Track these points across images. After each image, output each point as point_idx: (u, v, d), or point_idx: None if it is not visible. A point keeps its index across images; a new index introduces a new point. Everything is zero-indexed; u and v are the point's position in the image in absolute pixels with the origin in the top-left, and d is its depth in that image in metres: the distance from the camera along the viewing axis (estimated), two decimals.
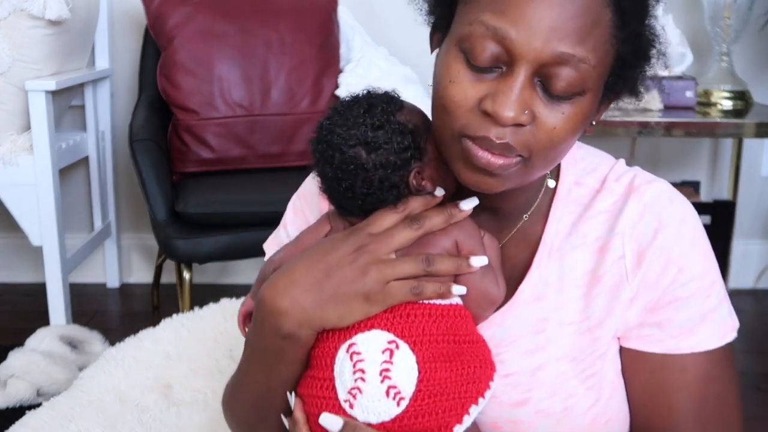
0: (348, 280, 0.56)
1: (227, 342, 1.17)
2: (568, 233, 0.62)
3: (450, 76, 0.54)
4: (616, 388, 0.62)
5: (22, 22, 1.60)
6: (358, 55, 1.84)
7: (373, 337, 0.56)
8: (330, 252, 0.57)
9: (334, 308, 0.56)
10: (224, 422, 1.00)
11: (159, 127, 1.79)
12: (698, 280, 0.60)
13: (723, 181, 2.10)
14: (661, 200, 0.61)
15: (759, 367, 1.67)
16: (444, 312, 0.57)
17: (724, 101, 1.82)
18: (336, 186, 0.58)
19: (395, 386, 0.55)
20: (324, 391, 0.57)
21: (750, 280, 2.13)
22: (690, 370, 0.60)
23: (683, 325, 0.60)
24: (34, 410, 1.06)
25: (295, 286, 0.57)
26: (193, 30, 1.77)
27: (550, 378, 0.60)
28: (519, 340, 0.61)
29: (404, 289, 0.56)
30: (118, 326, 1.85)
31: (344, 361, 0.56)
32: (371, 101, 0.58)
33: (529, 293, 0.62)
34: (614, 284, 0.60)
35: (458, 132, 0.54)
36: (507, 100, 0.52)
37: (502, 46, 0.52)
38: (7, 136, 1.65)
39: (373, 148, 0.56)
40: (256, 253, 1.73)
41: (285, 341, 0.58)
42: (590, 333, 0.61)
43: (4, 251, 2.14)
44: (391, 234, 0.57)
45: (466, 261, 0.58)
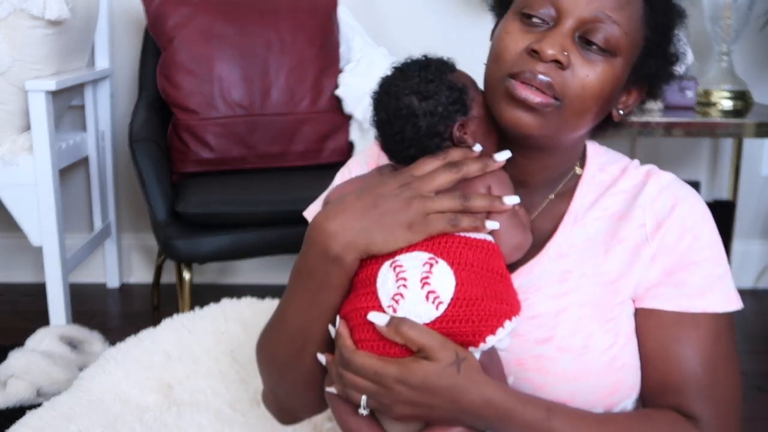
0: (393, 210, 0.62)
1: (228, 342, 1.17)
2: (590, 206, 0.70)
3: (505, 29, 0.65)
4: (629, 340, 0.67)
5: (22, 22, 1.60)
6: (358, 55, 1.84)
7: (414, 255, 0.62)
8: (378, 186, 0.64)
9: (380, 233, 0.62)
10: (225, 423, 1.00)
11: (159, 127, 1.79)
12: (709, 248, 0.68)
13: (723, 181, 2.11)
14: (675, 184, 0.70)
15: (759, 367, 1.67)
16: (479, 245, 0.63)
17: (724, 101, 1.82)
18: (389, 130, 0.66)
19: (434, 291, 0.60)
20: (367, 302, 0.62)
21: (750, 279, 2.13)
22: (702, 326, 0.66)
23: (696, 287, 0.67)
24: (34, 410, 1.06)
25: (345, 211, 0.63)
26: (193, 30, 1.77)
27: (572, 319, 0.66)
28: (545, 287, 0.68)
29: (443, 220, 0.62)
30: (118, 326, 1.85)
31: (387, 274, 0.62)
32: (428, 62, 0.67)
33: (554, 251, 0.69)
34: (635, 246, 0.68)
35: (505, 72, 0.64)
36: (551, 40, 0.62)
37: (552, 5, 0.63)
38: (7, 136, 1.65)
39: (424, 98, 0.65)
40: (257, 253, 1.73)
41: (331, 263, 0.63)
42: (610, 284, 0.67)
43: (4, 251, 2.14)
44: (433, 175, 0.64)
45: (499, 199, 0.64)
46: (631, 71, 0.66)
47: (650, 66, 0.67)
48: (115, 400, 1.05)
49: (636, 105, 0.71)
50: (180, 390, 1.08)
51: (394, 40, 1.97)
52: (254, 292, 1.41)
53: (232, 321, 1.21)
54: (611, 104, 0.67)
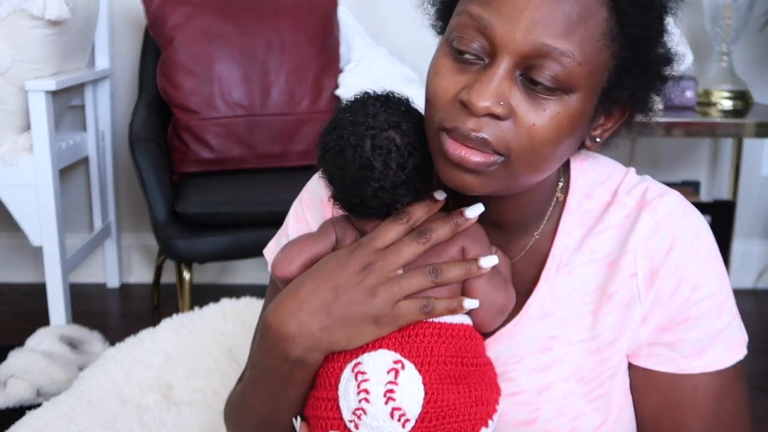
0: (356, 302, 0.55)
1: (227, 342, 1.17)
2: (577, 247, 0.60)
3: (436, 68, 0.54)
4: (623, 408, 0.60)
5: (22, 22, 1.60)
6: (358, 55, 1.84)
7: (379, 357, 0.55)
8: (336, 271, 0.56)
9: (343, 332, 0.55)
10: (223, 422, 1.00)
11: (159, 127, 1.79)
12: (711, 298, 0.59)
13: (723, 181, 2.10)
14: (673, 215, 0.59)
15: (760, 367, 1.67)
16: (453, 332, 0.56)
17: (724, 101, 1.82)
18: (367, 174, 0.55)
19: (400, 408, 0.54)
20: (329, 412, 0.56)
21: (750, 280, 2.13)
22: (701, 390, 0.59)
23: (695, 344, 0.59)
24: (34, 410, 1.06)
25: (301, 309, 0.56)
26: (193, 30, 1.77)
27: (558, 398, 0.59)
28: (526, 358, 0.60)
29: (414, 309, 0.55)
30: (118, 326, 1.85)
31: (349, 381, 0.56)
32: (381, 96, 0.58)
33: (536, 309, 0.60)
34: (626, 302, 0.59)
35: (438, 125, 0.53)
36: (482, 88, 0.50)
37: (485, 37, 0.51)
38: (7, 136, 1.65)
39: (404, 132, 0.55)
40: (256, 253, 1.72)
41: (293, 365, 0.57)
42: (599, 353, 0.59)
43: (4, 251, 2.14)
44: (397, 249, 0.56)
45: (476, 263, 0.56)
46: (601, 96, 0.54)
47: (626, 84, 0.54)
48: (115, 399, 1.05)
49: (620, 124, 0.59)
50: (179, 390, 1.08)
51: (394, 40, 1.97)
52: (254, 292, 1.41)
53: (231, 321, 1.21)
54: (579, 138, 0.56)
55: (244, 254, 1.67)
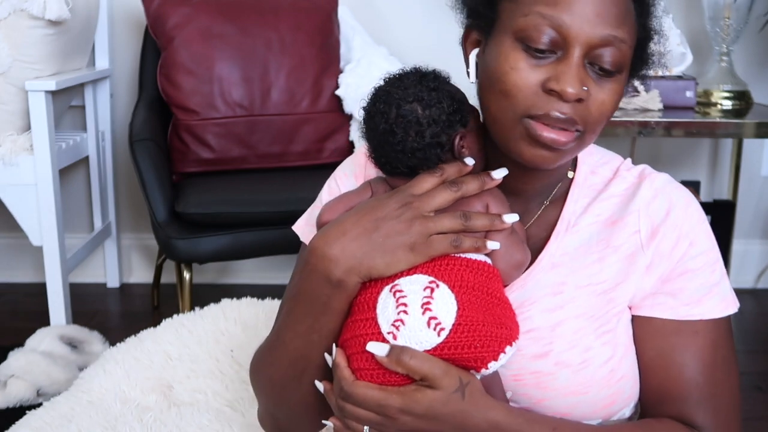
0: (395, 232, 0.61)
1: (228, 342, 1.17)
2: (583, 211, 0.69)
3: (509, 64, 0.61)
4: (627, 350, 0.66)
5: (22, 22, 1.60)
6: (359, 55, 1.84)
7: (415, 279, 0.61)
8: (377, 207, 0.63)
9: (382, 257, 0.61)
10: (225, 423, 1.00)
11: (159, 127, 1.79)
12: (705, 254, 0.67)
13: (723, 181, 2.11)
14: (670, 186, 0.69)
15: (759, 367, 1.67)
16: (479, 267, 0.63)
17: (724, 101, 1.82)
18: (390, 139, 0.63)
19: (436, 317, 0.59)
20: (366, 329, 0.61)
21: (750, 280, 2.13)
22: (701, 335, 0.66)
23: (693, 294, 0.66)
24: (34, 410, 1.06)
25: (345, 235, 0.62)
26: (193, 30, 1.78)
27: (569, 332, 0.65)
28: (540, 300, 0.67)
29: (445, 242, 0.61)
30: (118, 326, 1.85)
31: (387, 299, 0.60)
32: (423, 72, 0.65)
33: (547, 261, 0.68)
34: (630, 254, 0.66)
35: (521, 113, 0.61)
36: (570, 78, 0.59)
37: (557, 32, 0.60)
38: (7, 136, 1.65)
39: (428, 105, 0.63)
40: (257, 253, 1.73)
41: (333, 288, 0.62)
42: (605, 294, 0.66)
43: (5, 251, 2.14)
44: (432, 194, 0.62)
45: (499, 218, 0.64)
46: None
47: (641, 61, 0.66)
48: (115, 400, 1.05)
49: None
50: (180, 390, 1.08)
51: (395, 40, 1.97)
52: (254, 292, 1.41)
53: (232, 321, 1.21)
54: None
55: (244, 254, 1.68)
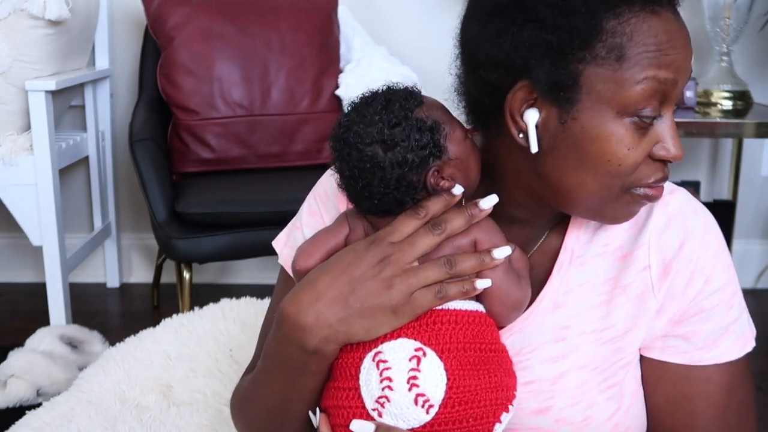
0: (374, 294, 0.56)
1: (227, 342, 1.16)
2: (589, 240, 0.62)
3: (626, 144, 0.55)
4: (635, 398, 0.62)
5: (22, 22, 1.60)
6: (358, 54, 1.84)
7: (399, 345, 0.56)
8: (353, 264, 0.57)
9: (361, 323, 0.56)
10: (224, 422, 1.00)
11: (159, 127, 1.79)
12: (722, 291, 0.61)
13: (723, 181, 2.10)
14: (684, 210, 0.62)
15: (760, 367, 1.67)
16: (469, 319, 0.57)
17: (724, 101, 1.82)
18: (353, 184, 0.57)
19: (423, 394, 0.54)
20: (350, 401, 0.57)
21: (750, 280, 2.13)
22: (714, 381, 0.61)
23: (707, 336, 0.60)
24: (34, 410, 1.06)
25: (319, 300, 0.57)
26: (193, 30, 1.77)
27: (572, 386, 0.60)
28: (540, 347, 0.61)
29: (429, 296, 0.56)
30: (118, 326, 1.85)
31: (370, 370, 0.56)
32: (390, 97, 0.57)
33: (549, 300, 0.62)
34: (639, 294, 0.60)
35: (631, 185, 0.57)
36: (676, 141, 0.57)
37: (664, 94, 0.55)
38: (7, 136, 1.65)
39: (389, 147, 0.55)
40: (257, 253, 1.73)
41: (309, 356, 0.58)
42: (613, 343, 0.61)
43: (4, 251, 2.14)
44: (413, 241, 0.57)
45: (489, 255, 0.57)
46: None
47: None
48: (115, 399, 1.05)
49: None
50: (179, 390, 1.07)
51: (394, 39, 1.97)
52: (254, 292, 1.41)
53: (231, 321, 1.21)
54: None
55: (244, 254, 1.68)
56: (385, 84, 0.59)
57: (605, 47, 0.54)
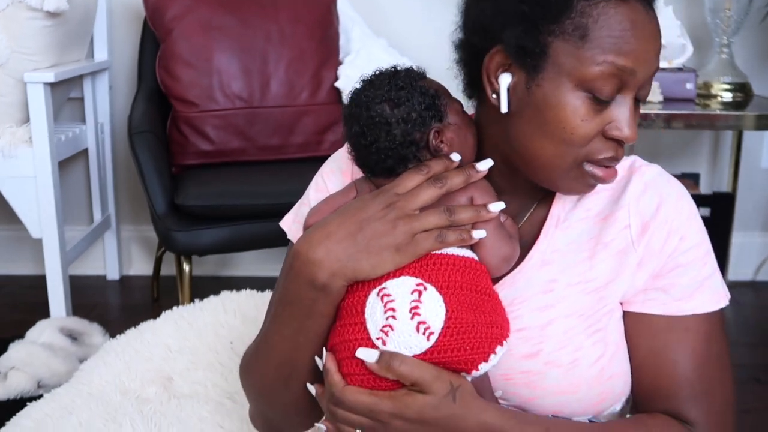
0: (379, 233, 0.61)
1: (227, 334, 1.17)
2: (573, 207, 0.68)
3: (580, 116, 0.60)
4: (619, 348, 0.66)
5: (20, 14, 1.59)
6: (358, 46, 1.84)
7: (402, 281, 0.60)
8: (362, 209, 0.62)
9: (367, 259, 0.60)
10: (225, 414, 1.00)
11: (158, 120, 1.79)
12: (696, 248, 0.66)
13: (723, 173, 2.10)
14: (660, 179, 0.68)
15: (757, 359, 1.67)
16: (465, 264, 0.62)
17: (724, 93, 1.82)
18: (362, 141, 0.63)
19: (425, 322, 0.59)
20: (356, 334, 0.60)
21: (749, 272, 2.13)
22: (693, 330, 0.65)
23: (685, 289, 0.65)
24: (34, 402, 1.06)
25: (329, 238, 0.61)
26: (192, 22, 1.77)
27: (559, 332, 0.65)
28: (530, 299, 0.66)
29: (430, 239, 0.61)
30: (118, 318, 1.86)
31: (375, 304, 0.60)
32: (397, 70, 0.65)
33: (537, 258, 0.67)
34: (620, 250, 0.66)
35: (582, 159, 0.62)
36: (632, 123, 0.61)
37: (622, 80, 0.60)
38: (6, 128, 1.65)
39: (396, 104, 0.62)
40: (256, 245, 1.73)
41: (318, 292, 0.62)
42: (596, 293, 0.66)
43: (4, 243, 2.14)
44: (416, 192, 0.62)
45: (484, 208, 0.63)
46: None
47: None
48: (116, 391, 1.05)
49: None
50: (180, 382, 1.08)
51: (394, 31, 1.96)
52: (254, 285, 1.41)
53: (231, 313, 1.21)
54: None
55: (243, 246, 1.68)
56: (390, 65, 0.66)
57: (573, 24, 0.58)
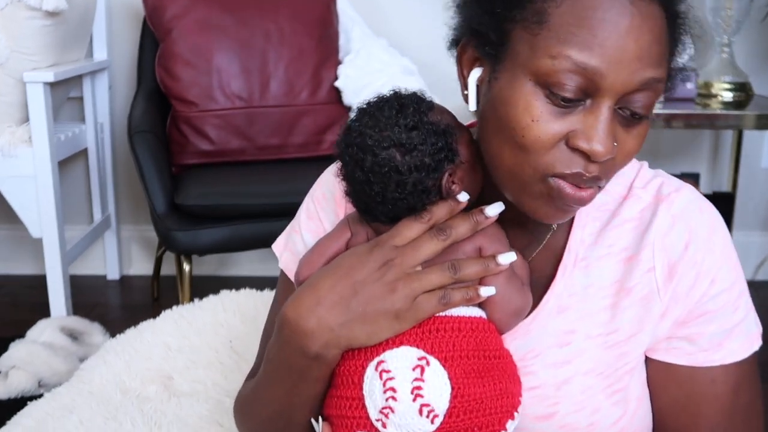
0: (376, 298, 0.55)
1: (227, 333, 1.17)
2: (593, 242, 0.60)
3: (531, 115, 0.51)
4: (641, 402, 0.61)
5: (19, 13, 1.59)
6: (358, 46, 1.84)
7: (402, 353, 0.55)
8: (355, 267, 0.56)
9: (363, 327, 0.55)
10: (224, 413, 1.00)
11: (158, 119, 1.79)
12: (728, 292, 0.59)
13: (723, 172, 2.10)
14: (690, 210, 0.59)
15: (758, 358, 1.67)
16: (472, 325, 0.56)
17: (724, 93, 1.82)
18: (367, 189, 0.56)
19: (428, 404, 0.54)
20: (354, 411, 0.56)
21: (749, 271, 2.13)
22: (719, 382, 0.60)
23: (713, 338, 0.59)
24: (35, 401, 1.06)
25: (320, 304, 0.55)
26: (192, 21, 1.77)
27: (577, 392, 0.59)
28: (545, 352, 0.60)
29: (433, 300, 0.55)
30: (119, 318, 1.86)
31: (374, 380, 0.55)
32: (402, 101, 0.56)
33: (553, 304, 0.60)
34: (644, 297, 0.59)
35: (543, 171, 0.52)
36: (600, 136, 0.50)
37: (588, 80, 0.50)
38: (5, 127, 1.65)
39: (407, 150, 0.54)
40: (256, 245, 1.73)
41: (311, 361, 0.57)
42: (618, 347, 0.59)
43: (5, 243, 2.14)
44: (417, 246, 0.55)
45: (493, 260, 0.56)
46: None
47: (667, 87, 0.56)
48: (116, 390, 1.05)
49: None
50: (180, 381, 1.08)
51: (394, 31, 1.96)
52: (253, 284, 1.41)
53: (231, 312, 1.21)
54: None
55: (243, 246, 1.68)
56: (391, 90, 0.58)
57: (533, 9, 0.50)
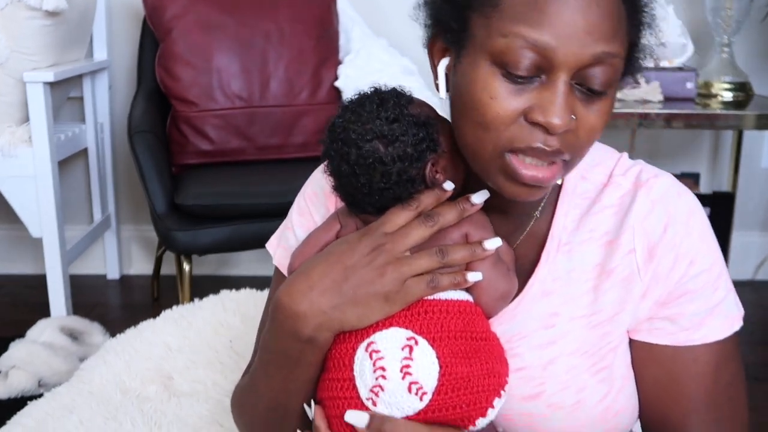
0: (366, 281, 0.56)
1: (227, 333, 1.17)
2: (575, 227, 0.63)
3: (489, 92, 0.53)
4: (625, 381, 0.62)
5: (19, 13, 1.59)
6: (358, 46, 1.84)
7: (391, 334, 0.57)
8: (346, 253, 0.58)
9: (354, 310, 0.57)
10: (224, 413, 1.00)
11: (158, 119, 1.79)
12: (707, 272, 0.61)
13: (723, 172, 2.10)
14: (669, 195, 0.61)
15: (757, 358, 1.68)
16: (459, 308, 0.58)
17: (724, 93, 1.82)
18: (353, 182, 0.58)
19: (417, 381, 0.55)
20: (345, 392, 0.57)
21: (749, 271, 2.13)
22: (701, 361, 0.61)
23: (693, 317, 0.61)
24: (35, 401, 1.06)
25: (312, 289, 0.57)
26: (192, 21, 1.77)
27: (562, 372, 0.60)
28: (530, 335, 0.61)
29: (422, 284, 0.57)
30: (119, 317, 1.86)
31: (364, 360, 0.57)
32: (382, 96, 0.58)
33: (538, 288, 0.62)
34: (625, 278, 0.61)
35: (502, 147, 0.54)
36: (556, 108, 0.52)
37: (541, 56, 0.52)
38: (5, 127, 1.65)
39: (390, 141, 0.56)
40: (256, 245, 1.73)
41: (304, 344, 0.58)
42: (601, 327, 0.61)
43: (5, 243, 2.14)
44: (406, 232, 0.57)
45: (480, 246, 0.58)
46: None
47: (633, 64, 0.58)
48: (116, 390, 1.05)
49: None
50: (180, 381, 1.08)
51: (394, 31, 1.96)
52: (253, 284, 1.41)
53: (231, 312, 1.22)
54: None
55: (243, 246, 1.68)
56: (370, 86, 0.60)
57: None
